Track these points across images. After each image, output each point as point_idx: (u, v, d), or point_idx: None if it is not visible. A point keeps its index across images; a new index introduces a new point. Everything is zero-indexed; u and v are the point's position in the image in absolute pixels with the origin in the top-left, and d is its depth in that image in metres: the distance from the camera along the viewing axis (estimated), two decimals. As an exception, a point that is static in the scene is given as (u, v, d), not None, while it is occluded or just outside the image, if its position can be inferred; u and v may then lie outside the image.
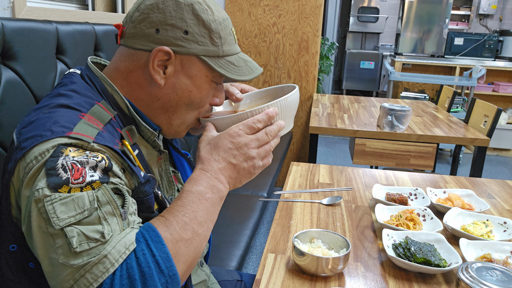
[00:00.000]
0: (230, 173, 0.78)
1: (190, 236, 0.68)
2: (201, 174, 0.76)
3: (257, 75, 0.86)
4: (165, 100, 0.81)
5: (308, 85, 3.43)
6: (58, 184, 0.61)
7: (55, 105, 0.72)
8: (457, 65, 5.17)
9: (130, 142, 0.78)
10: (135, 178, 0.72)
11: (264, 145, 0.80)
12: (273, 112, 0.80)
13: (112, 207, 0.64)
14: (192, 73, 0.80)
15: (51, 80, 1.12)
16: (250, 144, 0.78)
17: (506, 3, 5.94)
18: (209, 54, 0.80)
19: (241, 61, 0.85)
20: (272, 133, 0.80)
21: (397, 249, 0.92)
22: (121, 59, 0.81)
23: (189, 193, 0.73)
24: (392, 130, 2.19)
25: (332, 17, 6.00)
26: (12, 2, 1.21)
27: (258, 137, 0.79)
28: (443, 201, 1.22)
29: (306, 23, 3.31)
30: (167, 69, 0.78)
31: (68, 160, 0.62)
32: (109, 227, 0.62)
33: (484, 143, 2.15)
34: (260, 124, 0.79)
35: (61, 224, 0.60)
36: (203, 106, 0.85)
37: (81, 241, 0.60)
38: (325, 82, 5.86)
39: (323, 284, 0.85)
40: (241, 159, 0.78)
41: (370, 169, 1.58)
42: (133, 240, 0.63)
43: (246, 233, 1.68)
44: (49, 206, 0.60)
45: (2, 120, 0.95)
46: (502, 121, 4.84)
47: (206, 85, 0.82)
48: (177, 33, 0.77)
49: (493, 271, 0.79)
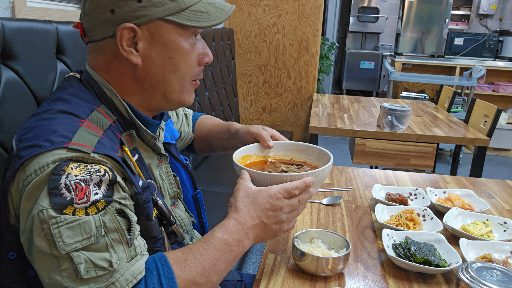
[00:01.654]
0: (259, 231, 0.79)
1: (204, 282, 0.69)
2: (234, 226, 0.77)
3: (230, 14, 0.83)
4: (150, 76, 0.79)
5: (308, 85, 3.43)
6: (63, 205, 0.60)
7: (54, 111, 0.71)
8: (457, 65, 5.17)
9: (130, 147, 0.78)
10: (134, 187, 0.71)
11: (293, 211, 0.82)
12: (311, 182, 0.83)
13: (119, 234, 0.64)
14: (164, 38, 0.77)
15: (51, 80, 1.12)
16: (284, 209, 0.80)
17: (506, 3, 5.94)
18: (172, 12, 0.75)
19: (208, 5, 0.80)
20: (303, 201, 0.83)
21: (397, 249, 0.92)
22: (94, 56, 0.79)
23: (216, 240, 0.74)
24: (392, 130, 2.19)
25: (332, 17, 6.00)
26: (12, 2, 1.21)
27: (292, 203, 0.81)
28: (443, 201, 1.22)
29: (306, 23, 3.31)
30: (138, 45, 0.75)
31: (71, 180, 0.61)
32: (116, 255, 0.63)
33: (484, 143, 2.15)
34: (297, 191, 0.81)
35: (67, 249, 0.60)
36: (191, 69, 0.82)
37: (88, 268, 0.60)
38: (325, 82, 5.86)
39: (323, 284, 0.85)
40: (273, 221, 0.79)
41: (370, 169, 1.58)
42: (141, 269, 0.65)
43: (246, 233, 1.67)
44: (55, 230, 0.60)
45: (2, 120, 0.94)
46: (502, 121, 4.84)
47: (183, 45, 0.79)
48: (132, 4, 0.73)
49: (493, 271, 0.79)
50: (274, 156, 1.02)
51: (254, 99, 3.50)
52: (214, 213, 1.73)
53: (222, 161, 2.52)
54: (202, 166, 2.43)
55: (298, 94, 3.45)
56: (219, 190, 2.08)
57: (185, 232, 0.97)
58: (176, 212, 0.95)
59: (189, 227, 0.99)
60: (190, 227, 1.00)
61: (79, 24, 0.80)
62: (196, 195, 1.05)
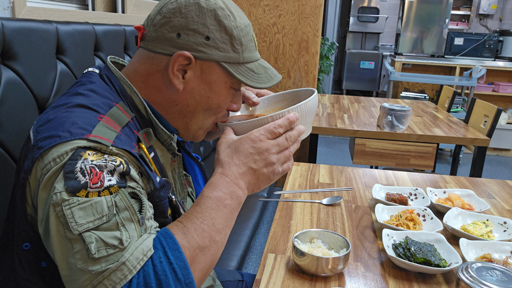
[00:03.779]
0: (249, 178, 0.77)
1: (208, 244, 0.68)
2: (220, 179, 0.75)
3: (276, 83, 0.85)
4: (183, 104, 0.81)
5: (308, 85, 3.43)
6: (76, 188, 0.61)
7: (73, 104, 0.71)
8: (457, 65, 5.17)
9: (147, 144, 0.78)
10: (151, 184, 0.72)
11: (283, 151, 0.79)
12: (294, 117, 0.80)
13: (130, 213, 0.64)
14: (212, 79, 0.80)
15: (51, 80, 1.12)
16: (271, 150, 0.77)
17: (506, 3, 5.94)
18: (230, 61, 0.79)
19: (261, 68, 0.84)
20: (292, 139, 0.80)
21: (397, 249, 0.92)
22: (140, 62, 0.81)
23: (208, 199, 0.72)
24: (392, 130, 2.19)
25: (332, 17, 6.00)
26: (12, 2, 1.21)
27: (278, 142, 0.78)
28: (443, 201, 1.22)
29: (306, 23, 3.31)
30: (186, 74, 0.78)
31: (86, 164, 0.62)
32: (127, 233, 0.63)
33: (484, 143, 2.15)
34: (281, 129, 0.79)
35: (79, 229, 0.60)
36: (220, 112, 0.85)
37: (99, 247, 0.60)
38: (325, 82, 5.86)
39: (323, 284, 0.85)
40: (262, 165, 0.77)
41: (370, 169, 1.58)
42: (150, 247, 0.64)
43: (246, 233, 1.68)
44: (68, 211, 0.60)
45: (2, 120, 0.94)
46: (502, 121, 4.84)
47: (224, 91, 0.82)
48: (199, 38, 0.76)
49: (493, 271, 0.79)
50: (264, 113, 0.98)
51: (254, 99, 3.51)
52: (214, 213, 1.73)
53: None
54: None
55: (298, 94, 3.45)
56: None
57: None
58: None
59: None
60: None
61: (141, 27, 0.81)
62: None
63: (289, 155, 0.80)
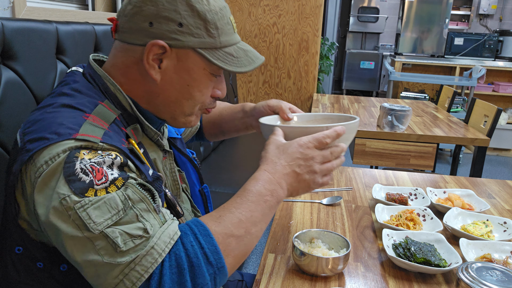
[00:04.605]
0: (291, 180, 0.79)
1: (243, 234, 0.69)
2: (264, 176, 0.76)
3: (258, 65, 0.84)
4: (165, 95, 0.80)
5: (308, 85, 3.43)
6: (84, 189, 0.61)
7: (58, 104, 0.71)
8: (457, 65, 5.17)
9: (136, 140, 0.78)
10: (144, 177, 0.72)
11: (326, 163, 0.81)
12: (342, 130, 0.82)
13: (146, 204, 0.65)
14: (189, 66, 0.77)
15: (51, 80, 1.12)
16: (316, 159, 0.80)
17: (506, 3, 5.94)
18: (206, 46, 0.77)
19: (241, 51, 0.82)
20: (335, 154, 0.82)
21: (397, 249, 0.92)
22: (117, 55, 0.80)
23: (249, 192, 0.74)
24: (392, 130, 2.19)
25: (332, 17, 5.99)
26: (12, 2, 1.21)
27: (323, 153, 0.81)
28: (443, 201, 1.22)
29: (306, 23, 3.31)
30: (162, 63, 0.76)
31: (86, 163, 0.62)
32: (149, 223, 0.63)
33: (484, 143, 2.15)
34: (328, 139, 0.81)
35: (99, 228, 0.60)
36: (204, 100, 0.83)
37: (125, 240, 0.61)
38: (325, 82, 5.85)
39: (323, 284, 0.85)
40: (305, 171, 0.79)
41: (370, 169, 1.58)
42: (176, 230, 0.65)
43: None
44: (83, 213, 0.60)
45: (2, 120, 0.94)
46: (502, 121, 4.84)
47: (204, 78, 0.80)
48: (171, 25, 0.74)
49: (493, 271, 0.79)
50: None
51: (254, 99, 3.50)
52: (214, 213, 1.73)
53: (222, 161, 2.53)
54: (202, 166, 2.43)
55: (298, 94, 3.45)
56: (219, 190, 2.08)
57: None
58: None
59: None
60: None
61: (114, 19, 0.80)
62: (203, 189, 1.05)
63: (331, 169, 0.82)
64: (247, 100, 3.51)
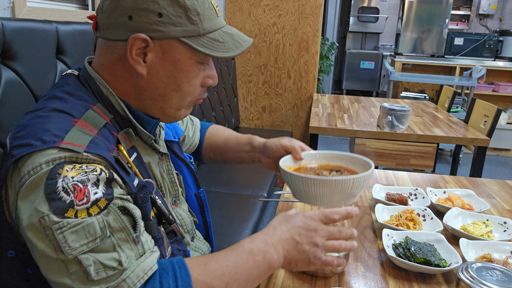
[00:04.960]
0: (289, 248, 0.76)
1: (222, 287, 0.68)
2: (261, 236, 0.75)
3: (246, 48, 0.81)
4: (152, 89, 0.78)
5: (308, 85, 3.43)
6: (64, 209, 0.60)
7: (49, 109, 0.70)
8: (457, 65, 5.16)
9: (128, 145, 0.77)
10: (128, 188, 0.70)
11: (332, 241, 0.78)
12: (355, 212, 0.81)
13: (125, 234, 0.64)
14: (175, 57, 0.75)
15: (51, 80, 1.12)
16: (319, 232, 0.77)
17: (506, 3, 5.94)
18: (189, 35, 0.74)
19: (227, 35, 0.79)
20: (343, 234, 0.79)
21: (397, 249, 0.92)
22: (101, 53, 0.78)
23: (240, 248, 0.72)
24: (392, 130, 2.19)
25: (332, 17, 6.00)
26: (12, 2, 1.21)
27: (330, 229, 0.78)
28: (443, 201, 1.22)
29: (306, 23, 3.31)
30: (147, 57, 0.74)
31: (68, 182, 0.60)
32: (125, 254, 0.62)
33: (484, 143, 2.15)
34: (337, 216, 0.79)
35: (73, 254, 0.59)
36: (194, 90, 0.81)
37: (98, 269, 0.60)
38: (325, 82, 5.85)
39: (323, 284, 0.85)
40: (305, 241, 0.76)
41: (370, 169, 1.58)
42: (152, 265, 0.64)
43: (246, 233, 1.68)
44: (60, 235, 0.59)
45: (2, 120, 0.94)
46: (502, 121, 4.84)
47: (192, 68, 0.78)
48: (151, 17, 0.72)
49: (493, 271, 0.79)
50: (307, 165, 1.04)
51: (254, 99, 3.50)
52: (214, 213, 1.73)
53: (222, 161, 2.52)
54: (202, 166, 2.43)
55: (298, 94, 3.45)
56: (219, 190, 2.08)
57: (186, 232, 0.97)
58: (177, 211, 0.95)
59: (190, 226, 0.99)
60: (191, 227, 0.99)
61: (94, 16, 0.78)
62: (199, 194, 1.04)
63: (337, 248, 0.78)
64: (246, 100, 3.51)
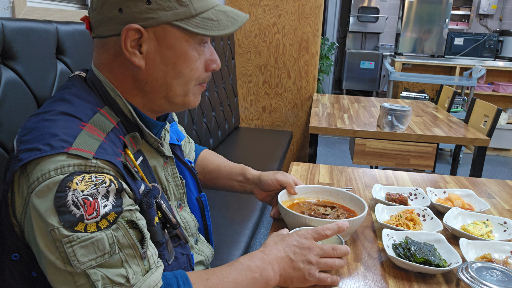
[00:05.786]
0: (285, 265, 0.79)
1: None
2: (259, 255, 0.79)
3: (241, 24, 0.79)
4: (152, 80, 0.76)
5: (308, 85, 3.43)
6: (74, 222, 0.60)
7: (56, 112, 0.69)
8: (457, 65, 5.17)
9: (134, 149, 0.76)
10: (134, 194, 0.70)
11: (326, 258, 0.82)
12: (344, 225, 0.86)
13: (133, 250, 0.65)
14: (170, 43, 0.74)
15: (51, 80, 1.12)
16: (313, 250, 0.81)
17: (506, 3, 5.94)
18: (181, 17, 0.73)
19: (220, 13, 0.77)
20: (337, 251, 0.83)
21: (397, 249, 0.92)
22: (99, 53, 0.77)
23: (240, 265, 0.76)
24: (392, 130, 2.19)
25: (332, 17, 6.00)
26: (12, 2, 1.21)
27: (323, 247, 0.82)
28: (443, 201, 1.22)
29: (306, 23, 3.31)
30: (142, 47, 0.73)
31: (78, 196, 0.60)
32: (132, 270, 0.63)
33: (484, 143, 2.15)
34: (328, 232, 0.84)
35: (82, 268, 0.60)
36: (196, 75, 0.79)
37: (105, 284, 0.61)
38: (325, 82, 5.86)
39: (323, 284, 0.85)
40: (300, 259, 0.80)
41: (370, 169, 1.58)
42: (157, 281, 0.66)
43: (246, 233, 1.68)
44: (69, 249, 0.60)
45: (2, 120, 0.94)
46: (502, 121, 4.84)
47: (190, 51, 0.76)
48: (140, 5, 0.71)
49: (493, 271, 0.79)
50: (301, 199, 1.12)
51: (254, 99, 3.50)
52: (214, 213, 1.73)
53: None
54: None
55: (298, 94, 3.45)
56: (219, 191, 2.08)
57: (190, 235, 0.97)
58: (182, 215, 0.95)
59: (194, 229, 0.99)
60: (195, 230, 0.99)
61: (86, 17, 0.78)
62: (201, 198, 1.04)
63: (330, 266, 0.82)
64: (246, 100, 3.51)
